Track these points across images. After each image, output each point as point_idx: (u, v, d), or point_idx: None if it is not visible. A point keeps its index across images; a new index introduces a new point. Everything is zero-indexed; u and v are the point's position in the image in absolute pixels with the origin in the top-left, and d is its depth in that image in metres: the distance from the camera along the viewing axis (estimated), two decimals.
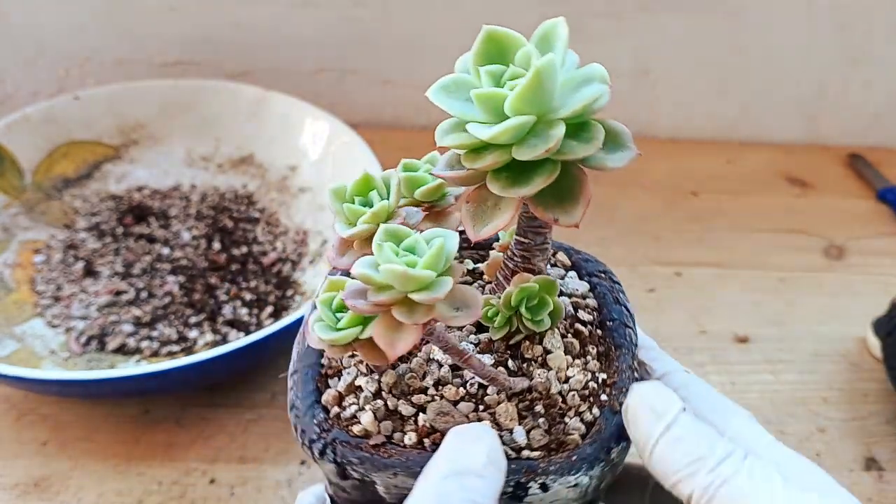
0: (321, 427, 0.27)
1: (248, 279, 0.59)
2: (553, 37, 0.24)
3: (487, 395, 0.27)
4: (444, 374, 0.28)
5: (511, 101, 0.22)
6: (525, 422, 0.27)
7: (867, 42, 0.77)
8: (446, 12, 0.72)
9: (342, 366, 0.29)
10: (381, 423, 0.27)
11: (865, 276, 0.66)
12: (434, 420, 0.26)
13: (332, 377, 0.29)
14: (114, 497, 0.45)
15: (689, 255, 0.67)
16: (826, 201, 0.75)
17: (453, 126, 0.24)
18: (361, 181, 0.27)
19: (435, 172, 0.26)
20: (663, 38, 0.76)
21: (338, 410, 0.27)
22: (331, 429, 0.27)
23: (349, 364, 0.29)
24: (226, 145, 0.69)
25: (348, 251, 0.27)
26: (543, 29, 0.24)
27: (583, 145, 0.23)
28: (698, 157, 0.80)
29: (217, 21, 0.73)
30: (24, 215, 0.62)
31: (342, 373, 0.29)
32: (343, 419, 0.27)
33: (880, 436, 0.51)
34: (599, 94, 0.23)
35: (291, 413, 0.28)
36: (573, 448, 0.27)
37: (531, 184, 0.23)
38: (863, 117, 0.82)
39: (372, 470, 0.26)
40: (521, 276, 0.28)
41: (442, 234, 0.23)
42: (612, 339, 0.30)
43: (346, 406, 0.28)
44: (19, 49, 0.74)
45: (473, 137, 0.23)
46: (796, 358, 0.57)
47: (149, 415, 0.50)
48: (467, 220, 0.25)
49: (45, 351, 0.52)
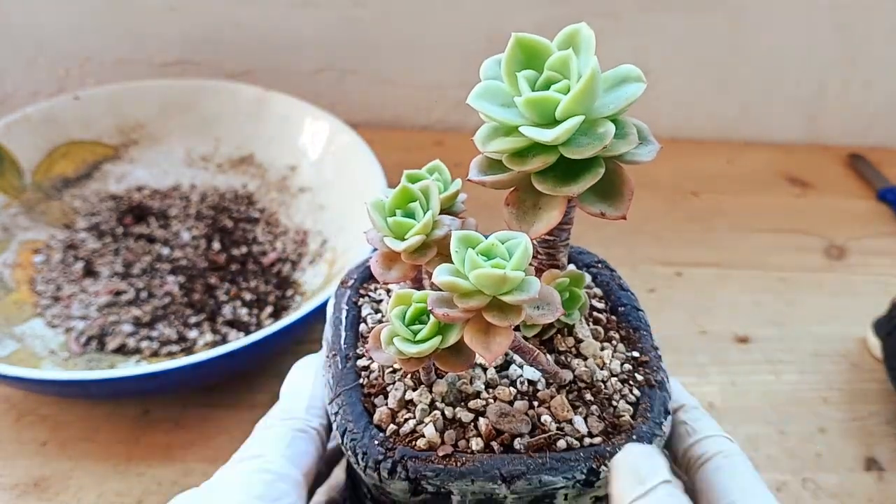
0: (384, 446, 0.26)
1: (247, 279, 0.59)
2: (580, 40, 0.25)
3: (539, 391, 0.28)
4: (491, 377, 0.28)
5: (565, 105, 0.23)
6: (579, 410, 0.28)
7: (867, 42, 0.77)
8: (446, 12, 0.72)
9: (385, 382, 0.29)
10: (444, 434, 0.27)
11: (865, 276, 0.65)
12: (497, 422, 0.27)
13: (376, 395, 0.29)
14: (113, 497, 0.45)
15: (690, 255, 0.67)
16: (826, 201, 0.75)
17: (494, 131, 0.25)
18: (400, 194, 0.27)
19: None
20: (663, 38, 0.76)
21: (394, 427, 0.27)
22: (394, 446, 0.26)
23: (393, 380, 0.29)
24: (226, 145, 0.69)
25: (395, 264, 0.27)
26: (567, 33, 0.25)
27: (622, 141, 0.24)
28: (698, 157, 0.80)
29: (217, 21, 0.73)
30: (24, 215, 0.62)
31: (387, 390, 0.28)
32: (402, 435, 0.27)
33: (880, 436, 0.51)
34: (638, 93, 0.24)
35: (345, 438, 0.27)
36: (629, 429, 0.27)
37: (580, 181, 0.24)
38: (863, 117, 0.82)
39: (449, 480, 0.25)
40: (551, 273, 0.29)
41: (514, 235, 0.24)
42: (629, 323, 0.32)
43: (401, 422, 0.27)
44: (19, 49, 0.74)
45: (522, 141, 0.24)
46: (797, 358, 0.57)
47: (149, 415, 0.50)
48: (513, 222, 0.25)
49: (44, 351, 0.52)
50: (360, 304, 0.33)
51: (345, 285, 0.33)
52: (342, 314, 0.32)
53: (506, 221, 0.25)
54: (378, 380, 0.29)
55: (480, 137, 0.25)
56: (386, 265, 0.27)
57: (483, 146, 0.25)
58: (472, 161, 0.26)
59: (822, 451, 0.50)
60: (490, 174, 0.25)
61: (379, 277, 0.27)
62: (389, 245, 0.27)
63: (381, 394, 0.28)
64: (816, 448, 0.50)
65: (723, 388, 0.54)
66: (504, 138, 0.24)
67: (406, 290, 0.26)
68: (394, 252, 0.27)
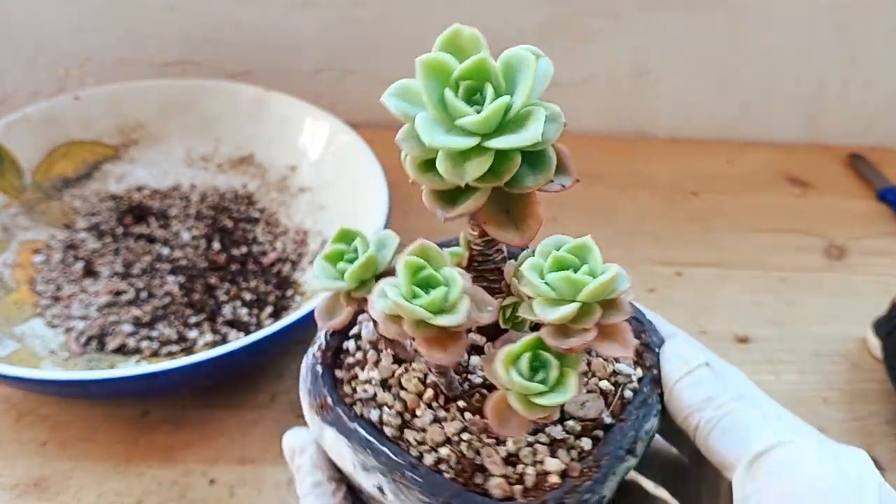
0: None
1: (247, 279, 0.59)
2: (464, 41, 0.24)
3: None
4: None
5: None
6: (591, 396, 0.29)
7: (867, 42, 0.77)
8: (446, 12, 0.72)
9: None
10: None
11: (866, 276, 0.65)
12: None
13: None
14: (113, 497, 0.45)
15: (690, 255, 0.66)
16: (826, 201, 0.75)
17: (458, 155, 0.24)
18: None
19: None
20: (663, 38, 0.76)
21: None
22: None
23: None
24: (225, 145, 0.69)
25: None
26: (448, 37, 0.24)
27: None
28: (698, 157, 0.80)
29: (217, 21, 0.73)
30: (24, 215, 0.62)
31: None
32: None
33: (880, 436, 0.51)
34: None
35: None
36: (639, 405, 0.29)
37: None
38: (863, 117, 0.82)
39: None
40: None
41: (559, 239, 0.26)
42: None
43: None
44: (19, 49, 0.74)
45: (489, 157, 0.23)
46: (796, 358, 0.57)
47: (148, 415, 0.50)
48: (499, 232, 0.26)
49: (44, 351, 0.52)
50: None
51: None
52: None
53: (488, 230, 0.25)
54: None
55: (442, 163, 0.23)
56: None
57: (450, 171, 0.23)
58: (425, 196, 0.25)
59: None
60: (461, 203, 0.24)
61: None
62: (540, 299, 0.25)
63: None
64: None
65: None
66: (473, 160, 0.23)
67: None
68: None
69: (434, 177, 0.23)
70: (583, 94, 0.79)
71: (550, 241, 0.26)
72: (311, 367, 0.30)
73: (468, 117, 0.22)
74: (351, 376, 0.30)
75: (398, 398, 0.29)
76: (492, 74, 0.22)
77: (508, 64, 0.23)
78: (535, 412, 0.23)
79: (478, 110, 0.22)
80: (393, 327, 0.24)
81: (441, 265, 0.25)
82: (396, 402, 0.28)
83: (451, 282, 0.24)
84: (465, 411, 0.28)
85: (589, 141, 0.79)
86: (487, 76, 0.23)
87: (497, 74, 0.22)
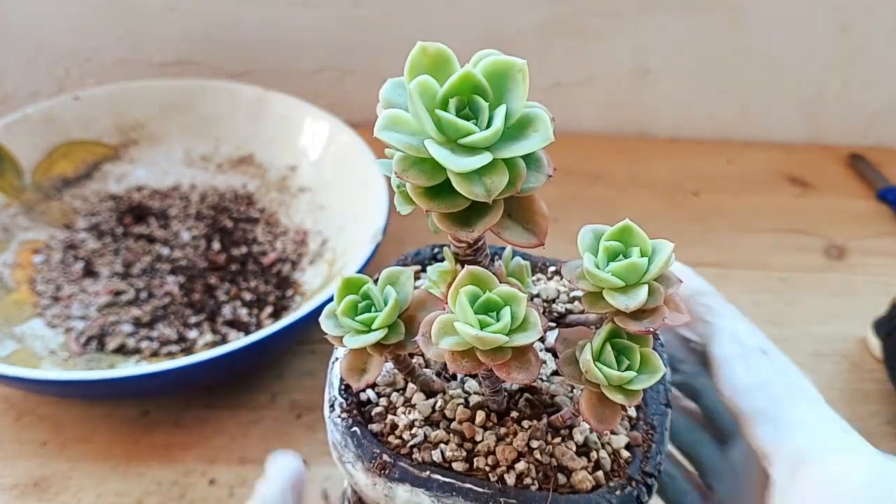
0: None
1: (247, 279, 0.59)
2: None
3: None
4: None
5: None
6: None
7: (867, 42, 0.77)
8: (446, 12, 0.72)
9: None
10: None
11: (866, 276, 0.65)
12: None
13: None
14: (113, 497, 0.45)
15: (689, 255, 0.66)
16: (826, 201, 0.75)
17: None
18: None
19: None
20: (663, 38, 0.76)
21: None
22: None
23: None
24: (225, 145, 0.69)
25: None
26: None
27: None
28: (698, 157, 0.80)
29: (217, 21, 0.73)
30: (24, 215, 0.62)
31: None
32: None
33: (880, 436, 0.51)
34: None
35: None
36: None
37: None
38: (863, 117, 0.82)
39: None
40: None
41: (597, 229, 0.27)
42: None
43: None
44: (19, 49, 0.74)
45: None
46: (796, 358, 0.56)
47: (148, 415, 0.50)
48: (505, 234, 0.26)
49: (44, 351, 0.52)
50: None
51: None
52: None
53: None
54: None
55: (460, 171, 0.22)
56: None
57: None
58: (438, 222, 0.24)
59: None
60: (479, 221, 0.24)
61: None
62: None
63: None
64: None
65: None
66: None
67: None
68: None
69: (444, 201, 0.23)
70: (583, 94, 0.79)
71: (587, 232, 0.26)
72: (347, 431, 0.28)
73: (476, 134, 0.22)
74: (389, 425, 0.28)
75: (451, 431, 0.28)
76: (479, 86, 0.22)
77: (492, 72, 0.23)
78: (631, 398, 0.24)
79: (476, 124, 0.22)
80: (465, 363, 0.23)
81: (491, 286, 0.24)
82: (452, 436, 0.28)
83: (513, 300, 0.24)
84: (520, 421, 0.28)
85: (589, 141, 0.79)
86: (475, 89, 0.22)
87: (484, 85, 0.22)
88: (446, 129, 0.22)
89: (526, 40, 0.74)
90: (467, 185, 0.22)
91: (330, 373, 0.30)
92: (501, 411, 0.28)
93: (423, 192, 0.23)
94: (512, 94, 0.22)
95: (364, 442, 0.27)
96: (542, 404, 0.29)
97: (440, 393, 0.29)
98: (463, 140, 0.22)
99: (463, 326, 0.23)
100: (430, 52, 0.22)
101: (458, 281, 0.24)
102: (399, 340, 0.25)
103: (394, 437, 0.28)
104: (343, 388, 0.29)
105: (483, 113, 0.22)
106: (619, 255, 0.25)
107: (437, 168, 0.22)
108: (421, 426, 0.28)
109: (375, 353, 0.25)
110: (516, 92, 0.22)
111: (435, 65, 0.23)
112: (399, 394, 0.29)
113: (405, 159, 0.22)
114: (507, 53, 0.23)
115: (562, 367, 0.25)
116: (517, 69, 0.22)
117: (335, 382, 0.30)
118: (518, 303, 0.24)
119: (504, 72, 0.22)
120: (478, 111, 0.22)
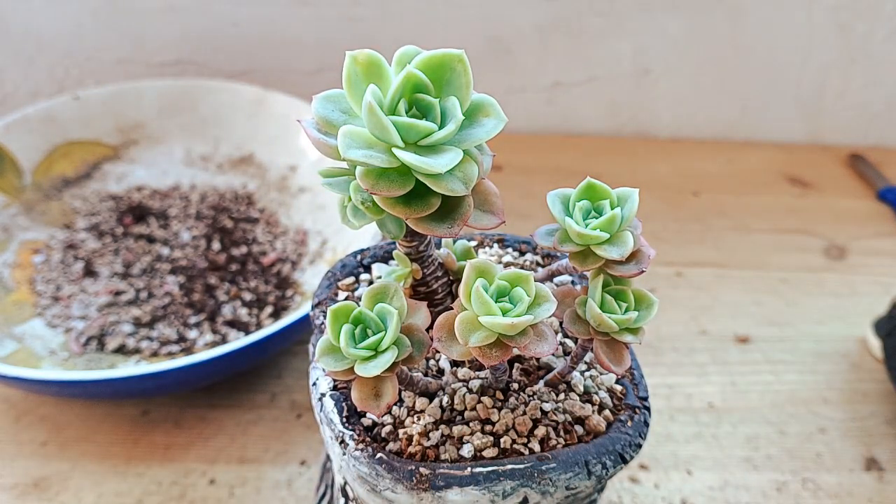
0: None
1: (247, 279, 0.59)
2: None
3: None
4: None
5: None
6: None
7: (867, 42, 0.77)
8: (446, 12, 0.72)
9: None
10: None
11: (866, 276, 0.65)
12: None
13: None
14: (113, 498, 0.45)
15: (690, 255, 0.66)
16: (826, 201, 0.75)
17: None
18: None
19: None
20: (663, 38, 0.76)
21: None
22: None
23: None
24: (225, 145, 0.69)
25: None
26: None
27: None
28: (698, 157, 0.80)
29: (217, 21, 0.73)
30: (24, 215, 0.62)
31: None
32: None
33: (880, 436, 0.51)
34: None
35: None
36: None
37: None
38: (863, 117, 0.82)
39: None
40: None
41: (563, 192, 0.28)
42: None
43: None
44: (19, 49, 0.74)
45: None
46: (796, 358, 0.57)
47: (148, 415, 0.50)
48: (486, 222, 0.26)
49: (44, 351, 0.52)
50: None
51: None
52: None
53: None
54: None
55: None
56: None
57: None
58: (417, 226, 0.24)
59: (822, 452, 0.50)
60: (459, 213, 0.24)
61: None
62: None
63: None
64: (816, 448, 0.50)
65: (723, 388, 0.54)
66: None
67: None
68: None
69: (418, 205, 0.22)
70: (583, 94, 0.79)
71: (555, 199, 0.27)
72: (373, 461, 0.27)
73: (439, 132, 0.21)
74: (405, 439, 0.28)
75: (467, 422, 0.28)
76: (422, 84, 0.22)
77: (431, 67, 0.22)
78: (639, 336, 0.26)
79: (431, 122, 0.22)
80: (495, 353, 0.24)
81: (493, 273, 0.25)
82: (473, 425, 0.28)
83: (519, 280, 0.25)
84: (523, 390, 0.29)
85: (589, 141, 0.79)
86: (419, 87, 0.22)
87: (426, 83, 0.22)
88: (405, 133, 0.21)
89: (526, 40, 0.74)
90: (444, 183, 0.22)
91: (320, 413, 0.29)
92: (505, 387, 0.29)
93: (397, 201, 0.22)
94: (455, 86, 0.22)
95: (395, 464, 0.27)
96: (534, 368, 0.30)
97: (439, 391, 0.29)
98: (424, 140, 0.22)
99: (491, 319, 0.23)
100: (361, 60, 0.22)
101: (467, 278, 0.25)
102: (409, 354, 0.25)
103: (413, 448, 0.27)
104: (345, 420, 0.28)
105: (434, 109, 0.22)
106: (591, 212, 0.26)
107: (405, 174, 0.22)
108: (435, 428, 0.28)
109: (388, 374, 0.25)
110: (459, 82, 0.22)
111: (368, 72, 0.22)
112: (398, 406, 0.29)
113: (370, 173, 0.22)
114: (508, 53, 0.23)
115: (569, 328, 0.26)
116: (456, 60, 0.22)
117: (335, 419, 0.28)
118: (526, 282, 0.25)
119: (443, 65, 0.22)
120: (426, 109, 0.22)
